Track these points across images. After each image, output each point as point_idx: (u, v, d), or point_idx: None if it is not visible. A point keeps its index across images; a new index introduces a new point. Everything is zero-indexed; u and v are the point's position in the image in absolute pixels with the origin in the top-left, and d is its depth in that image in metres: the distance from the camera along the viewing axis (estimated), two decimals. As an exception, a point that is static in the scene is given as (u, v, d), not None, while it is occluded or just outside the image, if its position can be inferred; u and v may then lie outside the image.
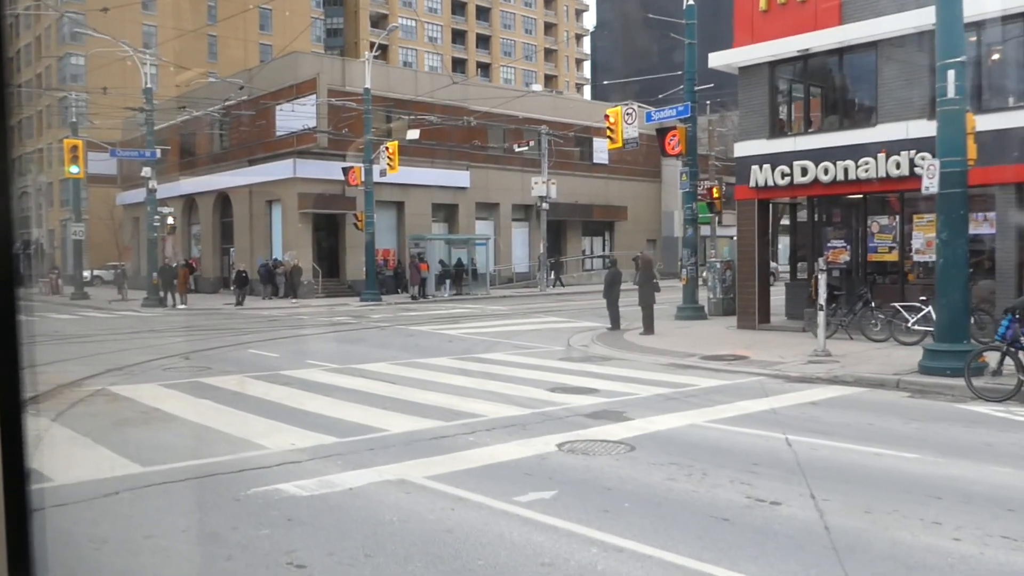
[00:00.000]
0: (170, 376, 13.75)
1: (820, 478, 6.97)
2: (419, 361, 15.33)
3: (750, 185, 20.21)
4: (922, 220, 18.27)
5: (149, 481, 7.13)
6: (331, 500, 6.50)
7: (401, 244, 41.19)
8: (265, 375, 13.63)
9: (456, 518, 6.00)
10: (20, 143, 75.19)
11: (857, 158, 18.16)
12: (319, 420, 9.77)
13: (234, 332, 21.95)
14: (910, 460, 7.69)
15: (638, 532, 5.65)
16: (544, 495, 6.57)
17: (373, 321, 25.02)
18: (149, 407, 10.79)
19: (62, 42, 69.63)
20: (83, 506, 6.44)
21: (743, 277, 21.12)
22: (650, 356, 15.82)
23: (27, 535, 1.59)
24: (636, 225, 52.35)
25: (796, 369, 13.50)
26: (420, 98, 39.64)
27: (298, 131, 37.65)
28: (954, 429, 9.20)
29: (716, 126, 51.26)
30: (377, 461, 7.71)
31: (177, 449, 8.48)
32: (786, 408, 10.45)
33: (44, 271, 51.99)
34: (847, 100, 19.79)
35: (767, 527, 5.76)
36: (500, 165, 44.86)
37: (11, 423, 1.56)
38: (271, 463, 7.70)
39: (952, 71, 12.25)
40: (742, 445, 8.38)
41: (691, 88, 23.73)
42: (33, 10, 69.24)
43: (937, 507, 6.18)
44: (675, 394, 11.59)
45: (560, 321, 24.36)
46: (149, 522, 6.07)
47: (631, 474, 7.22)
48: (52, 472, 7.49)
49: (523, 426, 9.36)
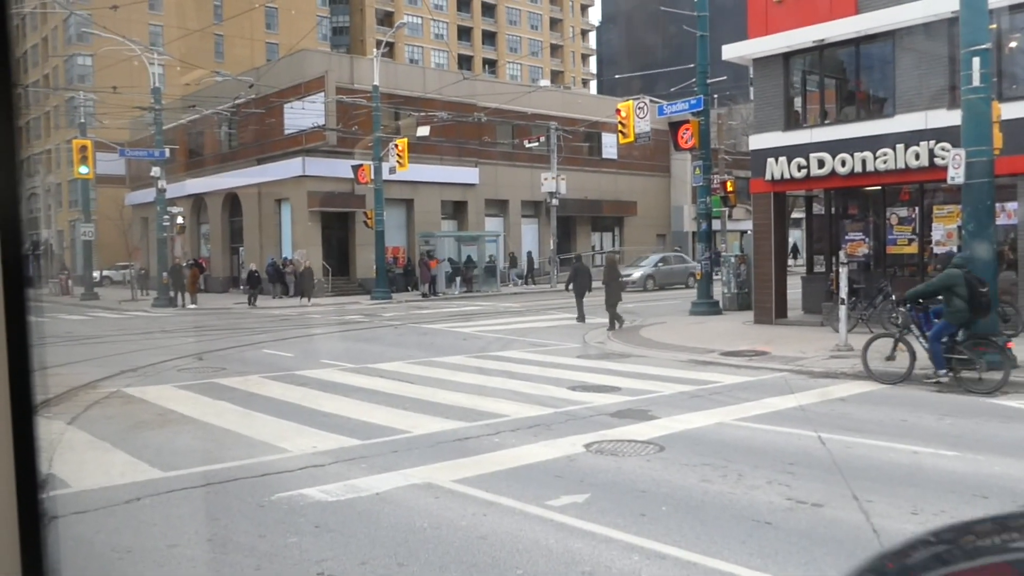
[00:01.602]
0: (185, 377, 13.60)
1: (860, 478, 6.77)
2: (435, 360, 15.16)
3: (766, 178, 19.97)
4: (942, 211, 18.04)
5: (170, 487, 6.96)
6: (358, 506, 6.32)
7: (411, 242, 41.03)
8: (280, 375, 13.47)
9: (489, 524, 5.81)
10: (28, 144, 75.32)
11: (875, 149, 17.91)
12: (339, 421, 9.60)
13: (246, 332, 21.82)
14: (950, 458, 7.48)
15: (679, 537, 5.46)
16: (577, 498, 6.38)
17: (385, 320, 24.86)
18: (165, 409, 10.64)
19: (69, 42, 69.59)
20: (104, 513, 6.28)
21: (759, 271, 20.88)
22: (668, 352, 15.62)
23: (41, 544, 1.47)
24: (646, 220, 52.05)
25: (819, 364, 13.28)
26: (428, 95, 39.45)
27: (307, 129, 37.48)
28: (990, 425, 8.98)
29: (726, 119, 50.92)
30: (402, 464, 7.54)
31: (196, 453, 8.31)
32: (814, 405, 10.24)
33: (54, 272, 51.96)
34: (864, 91, 19.53)
35: (812, 530, 5.56)
36: (509, 162, 44.64)
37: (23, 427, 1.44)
38: (294, 467, 7.53)
39: (977, 59, 12.00)
40: (774, 444, 8.18)
41: (703, 81, 23.46)
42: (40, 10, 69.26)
43: (985, 507, 5.98)
44: (699, 391, 11.39)
45: (573, 318, 24.15)
46: (173, 530, 5.90)
47: (664, 476, 7.03)
48: (70, 478, 7.34)
49: (547, 426, 9.17)
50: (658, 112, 26.25)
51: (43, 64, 75.88)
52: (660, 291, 36.40)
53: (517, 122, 43.61)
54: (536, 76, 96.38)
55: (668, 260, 39.79)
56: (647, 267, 38.21)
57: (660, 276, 38.20)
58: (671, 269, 39.19)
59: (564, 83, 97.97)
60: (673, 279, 38.79)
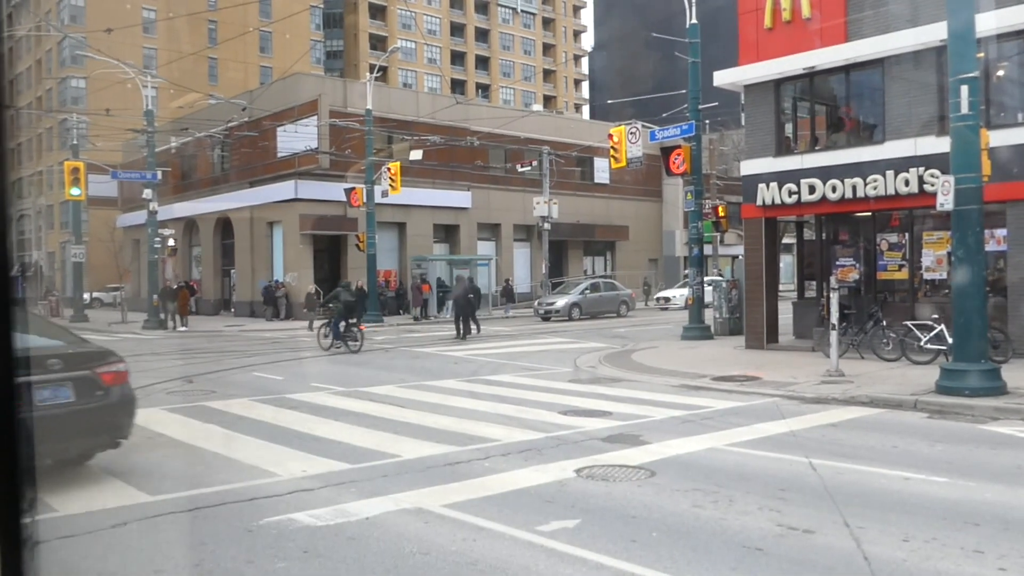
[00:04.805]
0: (174, 400, 13.51)
1: (851, 504, 6.75)
2: (426, 383, 15.11)
3: (757, 203, 20.07)
4: (932, 237, 18.14)
5: (158, 511, 6.89)
6: (348, 531, 6.27)
7: (403, 265, 41.04)
8: (271, 398, 13.40)
9: (479, 549, 5.77)
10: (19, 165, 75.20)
11: (865, 175, 18.03)
12: (329, 445, 9.54)
13: (237, 355, 21.72)
14: (941, 484, 7.47)
15: (669, 563, 5.42)
16: (567, 524, 6.34)
17: (376, 343, 24.78)
18: (154, 432, 10.55)
19: (63, 65, 69.78)
20: (90, 538, 6.21)
21: (751, 296, 20.95)
22: (660, 377, 15.61)
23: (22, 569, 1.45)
24: (637, 244, 52.26)
25: (811, 390, 13.28)
26: (421, 119, 39.62)
27: (299, 152, 37.58)
28: (980, 451, 8.98)
29: (717, 145, 51.23)
30: (392, 488, 7.48)
31: (185, 476, 8.24)
32: (805, 430, 10.23)
33: (43, 293, 51.71)
34: (854, 117, 19.70)
35: (803, 557, 5.53)
36: (501, 185, 44.81)
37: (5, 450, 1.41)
38: (283, 491, 7.47)
39: (966, 87, 12.10)
40: (765, 469, 8.16)
41: (695, 107, 23.64)
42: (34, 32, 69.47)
43: (977, 534, 5.96)
44: (690, 416, 11.37)
45: (564, 342, 24.16)
46: (160, 555, 5.84)
47: (655, 501, 7.00)
48: (56, 502, 7.26)
49: (538, 451, 9.13)
50: (650, 137, 26.45)
51: (36, 86, 76.03)
52: (591, 320, 34.93)
53: (510, 146, 43.82)
54: (529, 101, 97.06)
55: (598, 287, 37.93)
56: (574, 295, 36.35)
57: (587, 304, 36.22)
58: (600, 297, 37.27)
59: (557, 108, 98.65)
60: (602, 308, 37.00)
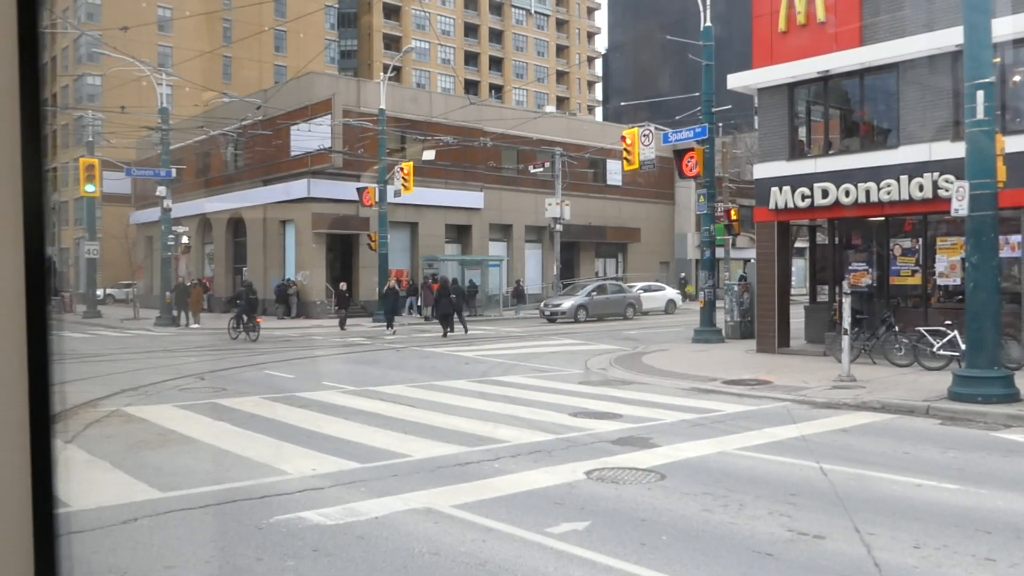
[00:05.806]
0: (186, 397, 13.58)
1: (862, 510, 6.72)
2: (437, 384, 15.13)
3: (769, 207, 20.01)
4: (946, 243, 18.04)
5: (168, 507, 6.93)
6: (357, 530, 6.28)
7: (415, 265, 41.09)
8: (282, 397, 13.45)
9: (488, 550, 5.77)
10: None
11: (879, 180, 17.95)
12: (339, 444, 9.56)
13: (249, 352, 21.80)
14: (953, 491, 7.43)
15: (679, 568, 5.42)
16: (577, 526, 6.34)
17: (387, 342, 24.83)
18: (166, 429, 10.61)
19: (79, 62, 70.15)
20: (101, 533, 6.24)
21: (763, 300, 20.88)
22: (671, 380, 15.58)
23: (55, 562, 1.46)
24: (649, 247, 52.15)
25: (822, 395, 13.23)
26: (435, 119, 39.66)
27: (313, 151, 37.67)
28: (992, 459, 8.92)
29: (729, 148, 51.10)
30: (402, 488, 7.50)
31: (196, 473, 8.29)
32: (816, 435, 10.19)
33: (57, 289, 52.02)
34: (868, 122, 19.61)
35: (814, 562, 5.51)
36: (514, 186, 44.80)
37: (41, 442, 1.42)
38: (293, 489, 7.50)
39: (982, 92, 12.04)
40: (776, 474, 8.13)
41: (709, 109, 23.58)
42: (50, 30, 69.86)
43: (988, 542, 5.93)
44: (701, 420, 11.35)
45: (575, 343, 24.14)
46: (170, 552, 5.87)
47: (665, 504, 6.99)
48: (68, 497, 7.30)
49: (548, 452, 9.13)
50: (663, 140, 26.39)
51: (52, 83, 76.43)
52: (598, 322, 34.73)
53: (522, 147, 43.81)
54: (542, 102, 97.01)
55: (604, 289, 37.34)
56: (580, 297, 35.84)
57: (594, 307, 35.68)
58: (607, 299, 36.66)
59: (570, 109, 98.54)
60: (609, 310, 36.49)
